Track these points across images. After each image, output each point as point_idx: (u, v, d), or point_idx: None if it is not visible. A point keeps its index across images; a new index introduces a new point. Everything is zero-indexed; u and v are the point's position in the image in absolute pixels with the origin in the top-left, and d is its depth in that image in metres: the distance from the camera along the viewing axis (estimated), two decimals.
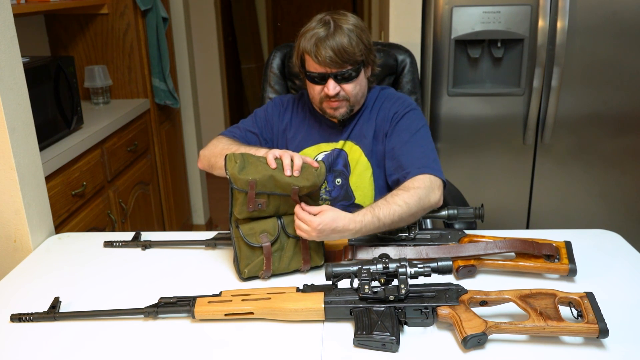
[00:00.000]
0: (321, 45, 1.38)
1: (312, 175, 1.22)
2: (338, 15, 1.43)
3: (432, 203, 1.33)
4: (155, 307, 1.12)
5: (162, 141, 2.94)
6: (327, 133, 1.56)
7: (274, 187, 1.21)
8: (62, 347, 1.06)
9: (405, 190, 1.30)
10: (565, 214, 2.39)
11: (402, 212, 1.27)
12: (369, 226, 1.23)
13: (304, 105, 1.61)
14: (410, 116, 1.50)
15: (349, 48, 1.38)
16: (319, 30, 1.40)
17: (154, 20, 2.73)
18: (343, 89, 1.44)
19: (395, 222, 1.27)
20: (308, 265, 1.27)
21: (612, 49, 2.17)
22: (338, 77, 1.42)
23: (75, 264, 1.38)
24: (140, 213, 2.61)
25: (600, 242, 1.39)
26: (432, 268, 1.07)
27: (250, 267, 1.24)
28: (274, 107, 1.61)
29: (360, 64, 1.44)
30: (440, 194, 1.35)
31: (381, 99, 1.56)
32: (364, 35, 1.43)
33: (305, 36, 1.42)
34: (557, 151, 2.31)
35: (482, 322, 1.01)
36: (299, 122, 1.59)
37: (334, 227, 1.20)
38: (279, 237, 1.25)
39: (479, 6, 2.14)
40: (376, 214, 1.24)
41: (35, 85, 1.85)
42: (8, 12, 1.43)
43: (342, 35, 1.38)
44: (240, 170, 1.20)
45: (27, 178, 1.48)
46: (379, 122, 1.53)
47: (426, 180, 1.34)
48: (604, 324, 0.98)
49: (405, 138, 1.46)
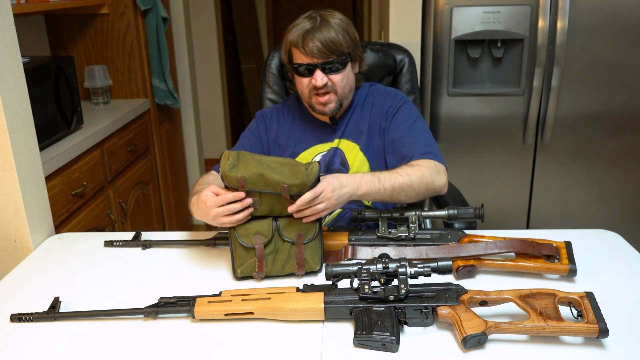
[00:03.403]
0: (308, 36, 1.41)
1: (302, 174, 1.18)
2: (324, 12, 1.47)
3: (437, 187, 1.36)
4: (155, 307, 1.12)
5: (162, 141, 2.95)
6: (321, 134, 1.57)
7: (265, 186, 1.20)
8: (62, 347, 1.05)
9: (409, 166, 1.36)
10: (565, 214, 2.39)
11: (403, 182, 1.30)
12: (370, 184, 1.28)
13: (289, 110, 1.62)
14: (404, 108, 1.53)
15: (336, 38, 1.41)
16: (306, 23, 1.43)
17: (154, 20, 2.73)
18: (330, 79, 1.45)
19: (396, 190, 1.30)
20: (302, 270, 1.25)
21: (612, 49, 2.17)
22: (325, 68, 1.43)
23: (75, 264, 1.38)
24: (140, 213, 2.61)
25: (600, 242, 1.39)
26: (432, 268, 1.07)
27: (244, 267, 1.24)
28: (258, 123, 1.61)
29: (347, 56, 1.45)
30: (446, 179, 1.39)
31: (372, 95, 1.58)
32: (350, 30, 1.46)
33: (292, 31, 1.45)
34: (557, 151, 2.31)
35: (482, 322, 1.01)
36: (287, 128, 1.59)
37: (340, 181, 1.24)
38: (273, 239, 1.24)
39: (479, 6, 2.14)
40: (376, 175, 1.30)
41: (35, 85, 1.85)
42: (8, 12, 1.43)
43: (329, 27, 1.42)
44: (231, 168, 1.20)
45: (27, 178, 1.48)
46: (374, 117, 1.54)
47: (431, 164, 1.38)
48: (604, 324, 0.98)
49: (404, 130, 1.49)
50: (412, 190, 1.32)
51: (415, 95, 1.84)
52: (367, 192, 1.28)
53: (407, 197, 1.33)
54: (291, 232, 1.24)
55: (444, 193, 1.40)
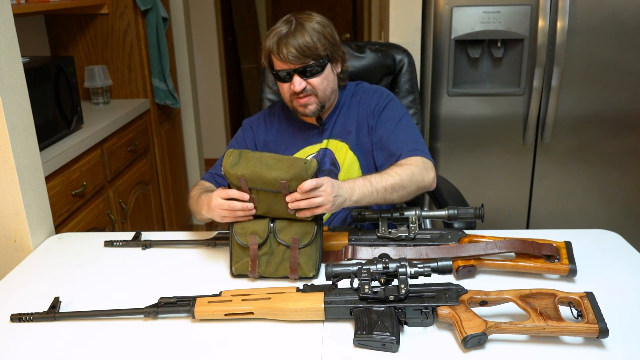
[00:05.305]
0: (282, 43, 1.41)
1: (300, 168, 1.19)
2: (302, 15, 1.47)
3: (427, 183, 1.37)
4: (155, 307, 1.12)
5: (162, 141, 2.95)
6: (309, 135, 1.57)
7: (263, 184, 1.21)
8: (62, 347, 1.05)
9: (398, 166, 1.37)
10: (565, 214, 2.39)
11: (395, 182, 1.31)
12: (362, 188, 1.29)
13: (276, 116, 1.62)
14: (391, 106, 1.54)
15: (310, 43, 1.41)
16: (282, 28, 1.44)
17: (154, 20, 2.73)
18: (309, 83, 1.45)
19: (388, 191, 1.31)
20: (296, 275, 1.24)
21: (612, 49, 2.17)
22: (303, 73, 1.44)
23: (75, 264, 1.38)
24: (140, 213, 2.61)
25: (600, 242, 1.39)
26: (432, 268, 1.07)
27: (239, 265, 1.26)
28: (245, 132, 1.62)
29: (324, 58, 1.45)
30: (434, 175, 1.40)
31: (358, 94, 1.59)
32: (327, 31, 1.46)
33: (269, 36, 1.45)
34: (557, 151, 2.31)
35: (482, 322, 1.01)
36: (275, 133, 1.60)
37: (338, 184, 1.24)
38: (268, 240, 1.25)
39: (479, 6, 2.14)
40: (367, 178, 1.31)
41: (35, 85, 1.85)
42: (8, 12, 1.43)
43: (303, 32, 1.41)
44: (232, 166, 1.22)
45: (27, 178, 1.48)
46: (361, 116, 1.55)
47: (419, 161, 1.39)
48: (604, 324, 0.98)
49: (391, 127, 1.50)
50: (404, 190, 1.33)
51: (414, 95, 1.84)
52: (361, 197, 1.28)
53: (399, 196, 1.34)
54: (287, 235, 1.24)
55: (433, 188, 1.41)
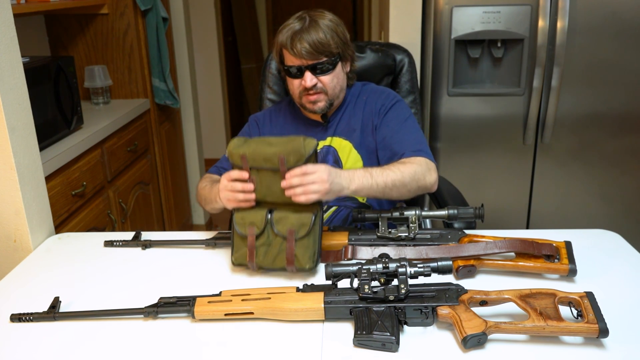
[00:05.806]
0: (296, 38, 1.42)
1: (299, 144, 1.20)
2: (314, 12, 1.48)
3: (428, 184, 1.37)
4: (155, 307, 1.12)
5: (162, 141, 2.94)
6: (313, 132, 1.57)
7: (264, 161, 1.22)
8: (62, 347, 1.06)
9: (400, 163, 1.37)
10: (565, 214, 2.39)
11: (395, 178, 1.31)
12: (362, 179, 1.28)
13: (282, 112, 1.63)
14: (397, 107, 1.54)
15: (324, 40, 1.42)
16: (295, 24, 1.45)
17: (154, 20, 2.73)
18: (320, 80, 1.46)
19: (388, 187, 1.30)
20: (292, 266, 1.24)
21: (612, 49, 2.17)
22: (315, 70, 1.44)
23: (75, 264, 1.38)
24: (140, 213, 2.61)
25: (600, 242, 1.39)
26: (432, 268, 1.07)
27: (238, 255, 1.27)
28: (250, 128, 1.63)
29: (336, 56, 1.46)
30: (436, 177, 1.40)
31: (365, 94, 1.59)
32: (339, 30, 1.47)
33: (282, 32, 1.46)
34: (557, 151, 2.31)
35: (482, 322, 1.01)
36: (280, 129, 1.60)
37: (336, 171, 1.24)
38: (266, 231, 1.26)
39: (479, 6, 2.14)
40: (368, 170, 1.30)
41: (35, 85, 1.85)
42: (8, 12, 1.43)
43: (317, 28, 1.42)
44: (236, 147, 1.25)
45: (27, 178, 1.48)
46: (366, 115, 1.55)
47: (422, 161, 1.38)
48: (604, 323, 0.98)
49: (396, 127, 1.50)
50: (404, 187, 1.33)
51: (415, 95, 1.84)
52: (360, 187, 1.28)
53: (399, 193, 1.34)
54: (284, 227, 1.25)
55: (434, 190, 1.41)
